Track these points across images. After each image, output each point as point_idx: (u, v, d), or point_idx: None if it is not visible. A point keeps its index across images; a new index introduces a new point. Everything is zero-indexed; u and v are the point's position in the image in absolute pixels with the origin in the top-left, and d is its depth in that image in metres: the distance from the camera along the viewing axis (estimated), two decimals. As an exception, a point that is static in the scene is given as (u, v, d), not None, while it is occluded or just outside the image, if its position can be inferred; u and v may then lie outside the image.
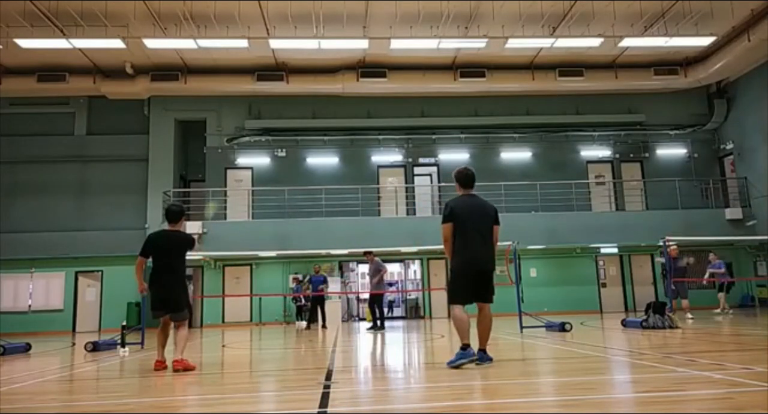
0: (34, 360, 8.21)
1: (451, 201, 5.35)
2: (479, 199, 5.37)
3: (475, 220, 5.23)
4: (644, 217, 18.17)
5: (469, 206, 5.27)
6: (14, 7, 14.11)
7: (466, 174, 5.46)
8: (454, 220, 5.22)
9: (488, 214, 5.33)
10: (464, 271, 5.28)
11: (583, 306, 18.75)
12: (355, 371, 5.68)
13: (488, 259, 5.29)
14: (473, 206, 5.27)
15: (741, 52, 16.84)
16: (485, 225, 5.26)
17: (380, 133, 19.61)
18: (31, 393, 4.72)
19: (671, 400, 3.54)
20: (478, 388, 4.41)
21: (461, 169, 5.55)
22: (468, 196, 5.39)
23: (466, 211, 5.23)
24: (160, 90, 18.59)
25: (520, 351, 7.10)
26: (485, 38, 15.60)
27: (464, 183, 5.44)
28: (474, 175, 5.48)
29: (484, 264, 5.25)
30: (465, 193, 5.43)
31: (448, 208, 5.28)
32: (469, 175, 5.45)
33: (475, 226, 5.21)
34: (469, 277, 5.27)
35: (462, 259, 5.25)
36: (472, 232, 5.18)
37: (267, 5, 14.84)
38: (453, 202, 5.34)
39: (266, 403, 4.11)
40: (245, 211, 18.74)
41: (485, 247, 5.23)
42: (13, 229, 18.10)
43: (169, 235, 6.17)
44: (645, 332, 9.35)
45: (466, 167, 5.56)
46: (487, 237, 5.26)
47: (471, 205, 5.27)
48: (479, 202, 5.35)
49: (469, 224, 5.20)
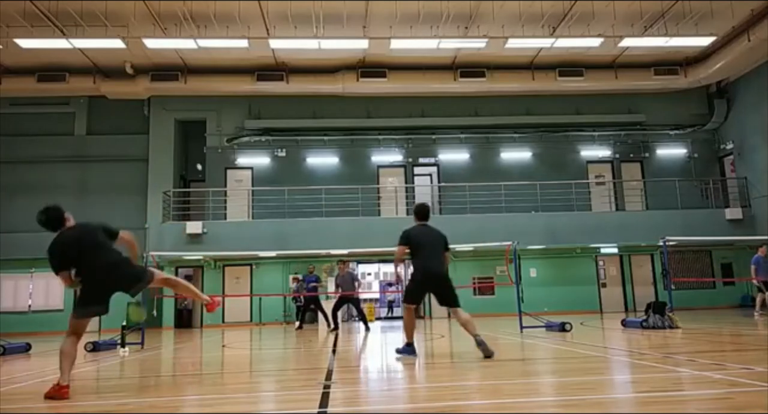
0: (34, 360, 8.21)
1: (409, 229, 6.68)
2: (432, 228, 6.74)
3: (428, 242, 6.56)
4: (644, 217, 18.16)
5: (423, 233, 6.64)
6: (14, 7, 14.10)
7: (424, 209, 6.88)
8: (410, 242, 6.55)
9: (440, 240, 6.65)
10: (419, 279, 6.55)
11: (583, 306, 18.75)
12: (354, 371, 5.68)
13: (439, 269, 6.52)
14: (427, 233, 6.65)
15: (741, 52, 16.84)
16: (437, 246, 6.59)
17: (380, 133, 19.61)
18: (31, 393, 4.72)
19: (671, 400, 3.54)
20: (478, 388, 4.41)
21: (420, 204, 6.97)
22: (422, 226, 6.75)
23: (421, 236, 6.59)
24: (160, 90, 18.59)
25: (520, 351, 7.10)
26: (485, 38, 15.60)
27: (421, 216, 6.83)
28: (429, 209, 6.93)
29: (435, 270, 6.51)
30: (420, 223, 6.79)
31: (405, 234, 6.61)
32: (425, 210, 6.88)
33: (428, 247, 6.53)
34: (423, 283, 6.57)
35: (418, 270, 6.54)
36: (426, 250, 6.51)
37: (267, 5, 14.84)
38: (410, 229, 6.67)
39: (266, 403, 4.11)
40: (245, 211, 18.75)
41: (437, 261, 6.53)
42: (13, 229, 18.08)
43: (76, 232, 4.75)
44: (645, 332, 9.35)
45: (424, 203, 6.97)
46: (438, 255, 6.55)
47: (425, 232, 6.65)
48: (432, 230, 6.72)
49: (423, 245, 6.52)
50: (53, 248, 4.66)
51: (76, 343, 4.61)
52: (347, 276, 12.92)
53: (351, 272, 13.27)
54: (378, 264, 21.05)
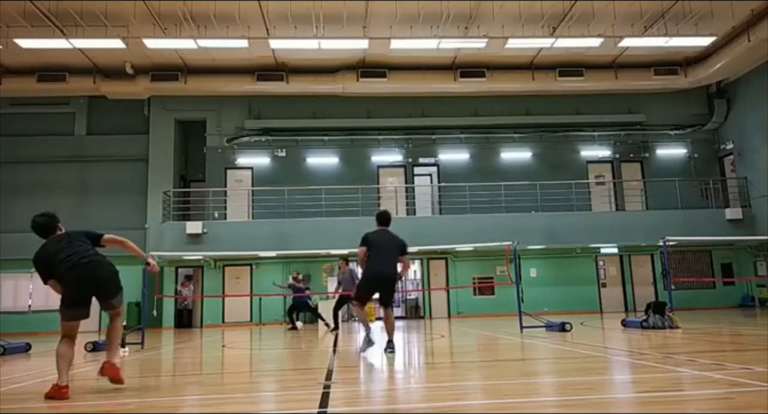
0: (34, 360, 8.21)
1: (368, 232, 7.20)
2: (390, 233, 7.29)
3: (383, 247, 7.08)
4: (644, 217, 18.16)
5: (380, 237, 7.18)
6: (14, 7, 14.10)
7: (384, 215, 7.40)
8: (368, 245, 7.07)
9: (395, 245, 7.16)
10: (369, 278, 7.12)
11: (583, 306, 18.75)
12: (355, 371, 5.68)
13: (390, 272, 7.07)
14: (383, 237, 7.19)
15: (741, 52, 16.83)
16: (391, 250, 7.10)
17: (380, 133, 19.61)
18: (31, 393, 4.72)
19: (671, 400, 3.54)
20: (478, 388, 4.41)
21: (382, 210, 7.50)
22: (382, 231, 7.28)
23: (377, 240, 7.12)
24: (160, 90, 18.59)
25: (520, 351, 7.10)
26: (485, 38, 15.60)
27: (381, 222, 7.35)
28: (390, 216, 7.42)
29: (387, 274, 7.04)
30: (380, 228, 7.31)
31: (364, 237, 7.16)
32: (386, 216, 7.39)
33: (382, 250, 7.05)
34: (372, 283, 7.12)
35: (369, 270, 7.06)
36: (379, 253, 7.03)
37: (267, 5, 14.84)
38: (369, 233, 7.20)
39: (266, 403, 4.11)
40: (245, 211, 18.75)
41: (387, 264, 7.06)
42: (13, 229, 18.08)
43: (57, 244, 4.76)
44: (645, 332, 9.35)
45: (385, 210, 7.52)
46: (390, 259, 7.09)
47: (382, 237, 7.19)
48: (390, 235, 7.25)
49: (378, 248, 7.04)
50: (36, 260, 4.74)
51: (69, 344, 4.69)
52: (348, 274, 12.92)
53: (352, 270, 13.25)
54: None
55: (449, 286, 18.99)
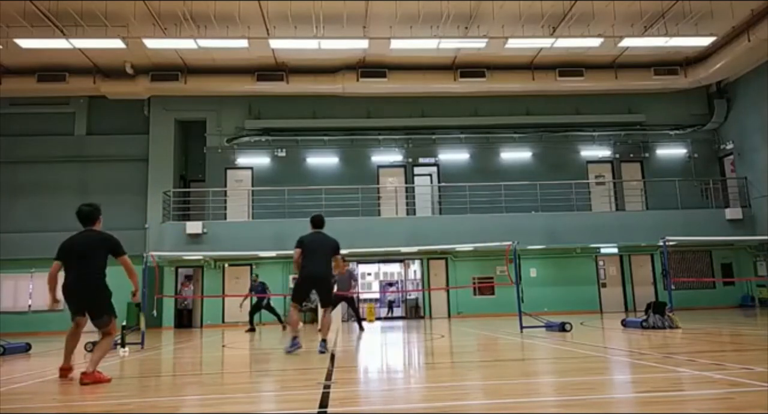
0: (34, 360, 8.21)
1: (303, 235, 7.59)
2: (324, 235, 7.66)
3: (316, 248, 7.46)
4: (644, 217, 18.17)
5: (314, 239, 7.56)
6: (14, 7, 14.11)
7: (317, 218, 7.77)
8: (302, 247, 7.44)
9: (329, 245, 7.57)
10: (303, 279, 7.48)
11: (583, 306, 18.75)
12: (354, 371, 5.68)
13: (321, 273, 7.46)
14: (316, 239, 7.57)
15: (741, 52, 16.84)
16: (323, 252, 7.50)
17: (380, 133, 19.62)
18: (31, 393, 4.72)
19: (671, 400, 3.54)
20: (478, 388, 4.41)
21: (315, 214, 7.85)
22: (316, 233, 7.66)
23: (311, 242, 7.52)
24: (160, 90, 18.59)
25: (520, 351, 7.10)
26: (485, 38, 15.60)
27: (315, 224, 7.72)
28: (323, 219, 7.78)
29: (317, 274, 7.44)
30: (314, 230, 7.69)
31: (299, 239, 7.52)
32: (319, 219, 7.77)
33: (315, 251, 7.44)
34: (304, 282, 7.49)
35: (303, 272, 7.43)
36: (311, 255, 7.41)
37: (267, 5, 14.84)
38: (304, 236, 7.58)
39: (266, 403, 4.11)
40: (245, 211, 18.75)
41: (320, 266, 7.45)
42: (13, 229, 18.11)
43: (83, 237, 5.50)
44: (645, 332, 9.35)
45: (319, 214, 7.85)
46: (323, 260, 7.48)
47: (315, 239, 7.58)
48: (323, 237, 7.63)
49: (311, 250, 7.42)
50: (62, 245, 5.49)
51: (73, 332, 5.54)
52: (346, 274, 12.97)
53: (350, 271, 13.28)
54: (378, 264, 21.05)
55: (449, 286, 18.99)
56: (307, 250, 7.42)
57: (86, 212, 5.58)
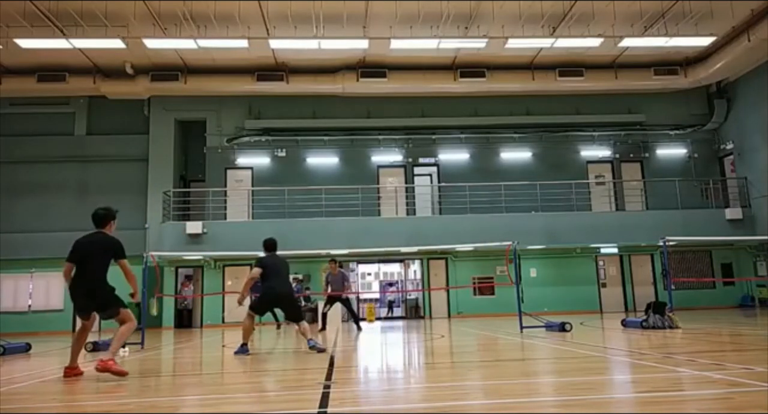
0: (34, 360, 8.21)
1: (261, 257, 8.17)
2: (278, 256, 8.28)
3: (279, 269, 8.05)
4: (644, 217, 18.17)
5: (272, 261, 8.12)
6: (14, 7, 14.11)
7: (271, 242, 8.33)
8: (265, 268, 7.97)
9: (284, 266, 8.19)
10: (266, 297, 8.05)
11: (583, 306, 18.75)
12: (354, 371, 5.68)
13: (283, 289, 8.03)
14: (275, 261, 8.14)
15: (741, 52, 16.84)
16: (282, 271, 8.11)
17: (380, 133, 19.61)
18: (31, 393, 4.72)
19: (671, 400, 3.54)
20: (478, 388, 4.41)
21: (268, 238, 8.38)
22: (272, 255, 8.24)
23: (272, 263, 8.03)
24: (160, 90, 18.59)
25: (520, 351, 7.10)
26: (485, 38, 15.60)
27: (270, 248, 8.29)
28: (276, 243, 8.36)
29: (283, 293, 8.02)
30: (269, 253, 8.26)
31: (259, 261, 8.08)
32: (272, 243, 8.31)
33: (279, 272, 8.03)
34: (269, 301, 8.10)
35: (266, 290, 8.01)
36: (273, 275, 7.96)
37: (267, 5, 14.84)
38: (263, 258, 8.15)
39: (266, 403, 4.11)
40: (245, 211, 18.74)
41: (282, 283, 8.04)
42: (13, 229, 18.10)
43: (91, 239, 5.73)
44: (645, 332, 9.35)
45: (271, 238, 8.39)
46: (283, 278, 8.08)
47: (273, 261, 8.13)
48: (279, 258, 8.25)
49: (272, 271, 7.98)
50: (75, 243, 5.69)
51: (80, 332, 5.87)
52: (338, 275, 13.03)
53: (343, 272, 13.33)
54: (378, 264, 21.06)
55: (449, 286, 18.99)
56: (270, 270, 8.00)
57: (100, 215, 5.85)
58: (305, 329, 7.96)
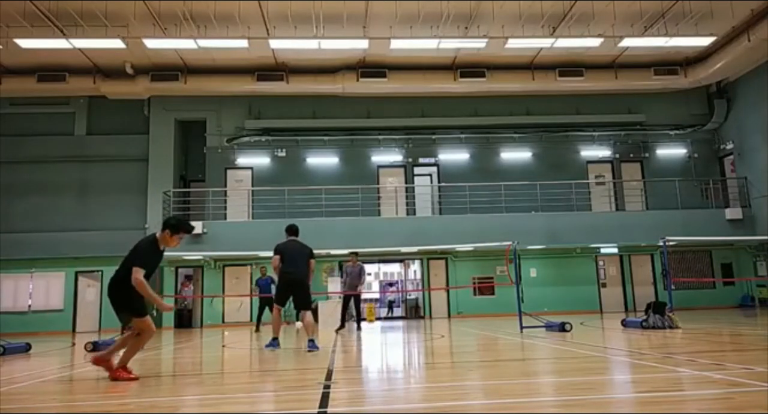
0: (34, 360, 8.21)
1: (280, 243, 8.33)
2: (298, 242, 8.42)
3: (291, 254, 8.17)
4: (644, 217, 18.16)
5: (289, 246, 8.29)
6: (14, 7, 14.10)
7: (292, 227, 8.56)
8: (281, 253, 8.15)
9: (303, 252, 8.27)
10: (283, 283, 8.15)
11: (583, 306, 18.75)
12: (355, 371, 5.68)
13: (297, 276, 8.07)
14: (292, 246, 8.30)
15: (741, 52, 16.83)
16: (299, 257, 8.17)
17: (380, 133, 19.61)
18: (31, 393, 4.72)
19: (671, 400, 3.54)
20: (478, 388, 4.41)
21: (290, 224, 8.65)
22: (291, 241, 8.39)
23: (287, 249, 8.23)
24: (160, 90, 18.58)
25: (520, 351, 7.10)
26: (485, 38, 15.60)
27: (290, 233, 8.49)
28: (297, 228, 8.60)
29: (293, 277, 8.05)
30: (290, 238, 8.41)
31: (276, 247, 8.27)
32: (293, 228, 8.56)
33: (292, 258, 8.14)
34: (284, 286, 8.14)
35: (285, 277, 8.09)
36: (289, 260, 8.11)
37: (267, 5, 14.84)
38: (280, 243, 8.33)
39: (266, 403, 4.11)
40: (245, 211, 18.74)
41: (296, 270, 8.08)
42: (13, 229, 18.09)
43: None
44: (645, 332, 9.35)
45: (293, 224, 8.65)
46: (298, 265, 8.11)
47: (291, 246, 8.30)
48: (298, 244, 8.37)
49: (288, 256, 8.13)
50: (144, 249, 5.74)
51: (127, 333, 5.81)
52: (357, 268, 13.04)
53: (362, 265, 13.34)
54: (378, 264, 21.06)
55: (449, 286, 18.99)
56: (286, 256, 8.11)
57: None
58: (309, 323, 7.91)
